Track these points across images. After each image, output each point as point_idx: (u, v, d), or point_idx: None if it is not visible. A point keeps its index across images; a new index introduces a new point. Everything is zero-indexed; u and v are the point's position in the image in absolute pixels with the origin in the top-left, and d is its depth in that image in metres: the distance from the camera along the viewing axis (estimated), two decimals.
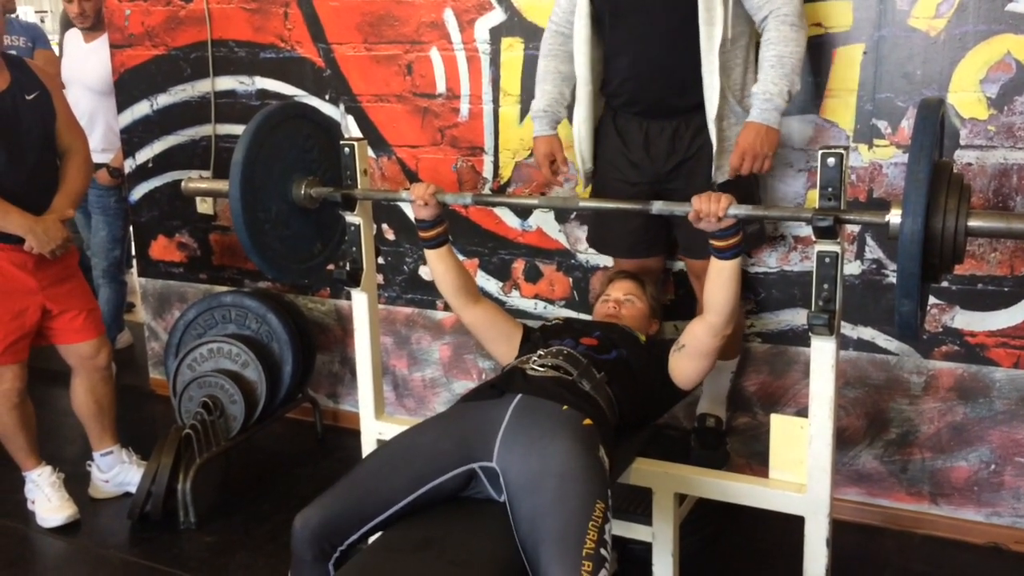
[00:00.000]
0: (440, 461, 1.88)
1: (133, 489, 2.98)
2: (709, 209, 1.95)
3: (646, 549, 2.33)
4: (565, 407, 1.90)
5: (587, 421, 1.88)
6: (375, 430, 2.57)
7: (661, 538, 2.26)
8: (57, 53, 4.47)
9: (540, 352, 2.13)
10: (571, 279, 3.08)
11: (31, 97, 2.74)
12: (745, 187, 2.46)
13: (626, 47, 2.48)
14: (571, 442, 1.81)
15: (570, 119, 2.64)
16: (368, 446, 2.59)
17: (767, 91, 2.33)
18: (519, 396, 1.93)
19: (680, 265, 2.87)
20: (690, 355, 2.21)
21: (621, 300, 2.47)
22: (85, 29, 3.96)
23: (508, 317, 2.46)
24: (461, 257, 3.22)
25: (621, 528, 2.38)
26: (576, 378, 2.03)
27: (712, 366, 2.22)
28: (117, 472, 3.07)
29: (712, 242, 2.04)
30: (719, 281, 2.09)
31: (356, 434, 2.66)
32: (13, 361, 2.80)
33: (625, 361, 2.19)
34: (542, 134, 2.64)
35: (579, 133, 2.59)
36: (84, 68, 3.96)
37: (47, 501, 2.94)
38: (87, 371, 2.96)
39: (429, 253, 2.41)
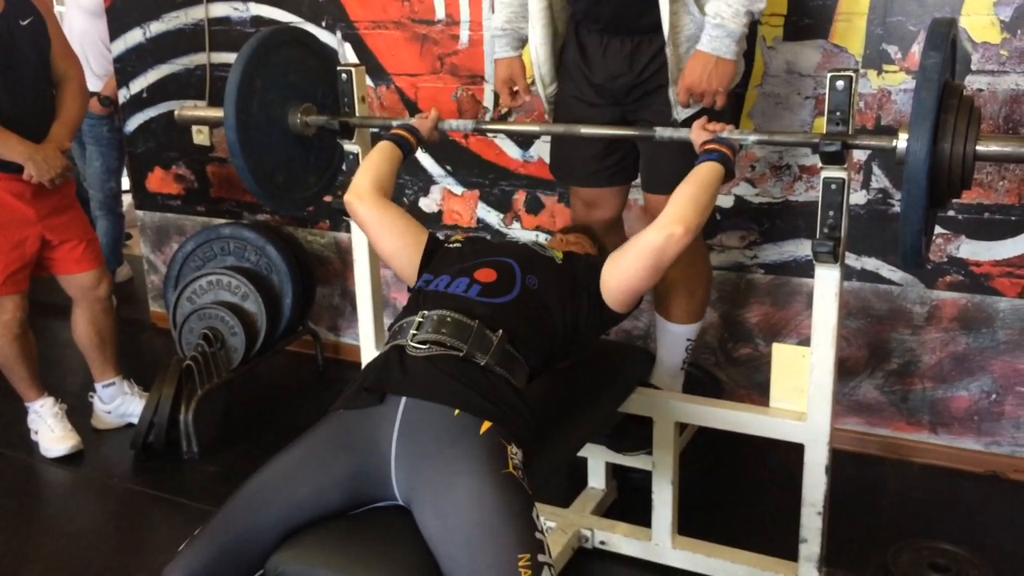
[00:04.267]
0: (331, 513, 1.64)
1: (135, 420, 3.00)
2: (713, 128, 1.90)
3: (645, 477, 2.34)
4: (457, 411, 1.63)
5: (485, 425, 1.62)
6: None
7: (661, 467, 2.27)
8: None
9: (422, 315, 1.77)
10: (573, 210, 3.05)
11: (25, 22, 2.68)
12: (717, 117, 2.09)
13: None
14: (475, 477, 1.56)
15: None
16: None
17: (718, 13, 2.02)
18: (403, 403, 1.64)
19: None
20: (628, 253, 1.84)
21: (571, 240, 2.18)
22: None
23: (410, 225, 2.03)
24: (462, 188, 3.20)
25: (621, 455, 2.40)
26: (467, 353, 1.70)
27: (655, 277, 1.84)
28: (119, 403, 3.09)
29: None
30: (693, 177, 1.86)
31: (357, 366, 2.67)
32: (14, 291, 2.79)
33: (534, 293, 1.85)
34: (502, 56, 2.41)
35: (537, 56, 2.35)
36: None
37: (50, 431, 2.96)
38: (88, 302, 2.96)
39: (384, 143, 2.14)
